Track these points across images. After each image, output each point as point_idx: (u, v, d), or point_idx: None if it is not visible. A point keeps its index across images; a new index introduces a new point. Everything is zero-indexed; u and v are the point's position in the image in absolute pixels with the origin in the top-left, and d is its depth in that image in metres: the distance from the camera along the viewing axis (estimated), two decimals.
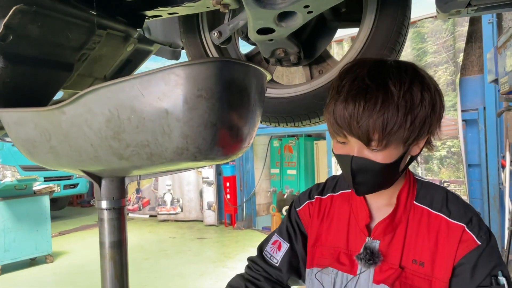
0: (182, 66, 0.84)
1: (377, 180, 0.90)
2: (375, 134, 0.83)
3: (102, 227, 1.14)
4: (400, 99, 0.82)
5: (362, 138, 0.84)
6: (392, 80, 0.83)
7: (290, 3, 1.10)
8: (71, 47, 1.18)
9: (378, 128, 0.82)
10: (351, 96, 0.84)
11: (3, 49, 0.99)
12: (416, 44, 5.51)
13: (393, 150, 0.86)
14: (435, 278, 0.88)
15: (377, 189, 0.93)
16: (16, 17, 0.97)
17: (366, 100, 0.82)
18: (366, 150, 0.86)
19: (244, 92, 0.95)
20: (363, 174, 0.88)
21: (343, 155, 0.90)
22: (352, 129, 0.84)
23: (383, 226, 0.95)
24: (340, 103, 0.85)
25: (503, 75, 2.26)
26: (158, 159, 0.91)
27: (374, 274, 0.93)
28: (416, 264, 0.90)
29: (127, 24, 1.34)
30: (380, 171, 0.87)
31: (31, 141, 1.02)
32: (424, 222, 0.93)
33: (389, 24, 1.36)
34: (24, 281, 5.27)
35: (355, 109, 0.82)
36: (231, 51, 1.68)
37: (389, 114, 0.81)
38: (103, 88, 0.89)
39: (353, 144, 0.87)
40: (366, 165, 0.87)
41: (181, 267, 5.66)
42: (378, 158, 0.86)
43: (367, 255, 0.92)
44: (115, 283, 1.14)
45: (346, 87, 0.86)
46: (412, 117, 0.83)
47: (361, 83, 0.84)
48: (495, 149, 5.00)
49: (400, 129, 0.82)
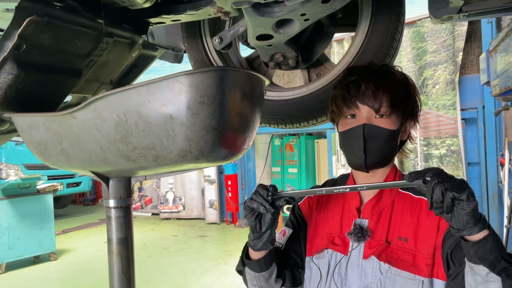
0: (185, 75, 0.90)
1: (383, 147, 1.05)
2: (384, 102, 1.03)
3: (109, 225, 1.20)
4: (400, 78, 1.08)
5: (374, 106, 1.03)
6: (391, 66, 1.11)
7: (288, 11, 1.15)
8: (80, 54, 1.24)
9: (386, 97, 1.03)
10: (364, 74, 1.06)
11: (17, 57, 1.05)
12: (415, 44, 5.54)
13: (395, 119, 1.05)
14: (418, 252, 1.00)
15: (382, 158, 1.07)
16: (29, 28, 1.03)
17: (378, 77, 1.05)
18: (374, 119, 1.04)
19: (244, 98, 1.01)
20: (373, 140, 1.03)
21: (354, 127, 1.05)
22: (365, 99, 1.03)
23: (370, 206, 1.08)
24: (355, 81, 1.05)
25: (494, 78, 2.32)
26: (163, 161, 0.97)
27: (364, 251, 1.04)
28: (401, 240, 1.02)
29: (133, 31, 1.40)
30: (386, 137, 1.04)
31: (44, 144, 1.08)
32: (407, 205, 1.06)
33: (383, 30, 1.41)
34: (28, 279, 5.34)
35: (369, 83, 1.04)
36: (232, 55, 1.73)
37: (395, 86, 1.05)
38: (111, 94, 0.95)
39: (363, 115, 1.04)
40: (376, 130, 1.03)
41: (183, 265, 5.72)
42: (384, 124, 1.03)
43: (356, 230, 1.05)
44: (122, 277, 1.20)
45: (357, 72, 1.07)
46: (408, 95, 1.07)
47: (369, 68, 1.08)
48: (494, 148, 5.04)
49: (402, 102, 1.05)
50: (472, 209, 0.80)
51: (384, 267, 1.01)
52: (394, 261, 1.01)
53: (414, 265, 0.99)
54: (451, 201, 0.80)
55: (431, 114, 5.42)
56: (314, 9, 1.14)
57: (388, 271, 1.00)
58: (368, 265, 1.03)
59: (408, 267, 0.99)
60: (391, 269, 1.00)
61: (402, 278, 0.99)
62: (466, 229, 0.82)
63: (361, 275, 1.03)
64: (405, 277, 0.99)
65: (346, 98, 1.06)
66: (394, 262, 1.01)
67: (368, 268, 1.03)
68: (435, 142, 5.44)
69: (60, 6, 1.13)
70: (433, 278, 0.98)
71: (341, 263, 1.07)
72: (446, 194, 0.80)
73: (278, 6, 1.15)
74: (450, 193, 0.80)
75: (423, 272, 0.98)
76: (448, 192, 0.80)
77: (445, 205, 0.81)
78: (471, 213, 0.80)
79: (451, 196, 0.80)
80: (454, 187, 0.80)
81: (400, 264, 1.00)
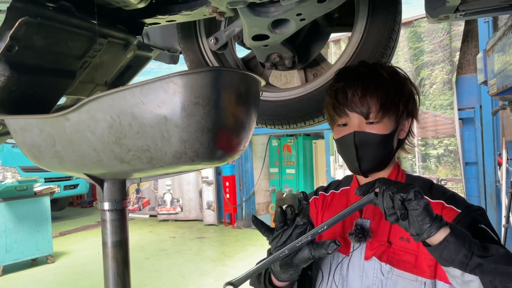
0: (180, 75, 0.89)
1: (376, 152, 1.03)
2: (373, 107, 1.00)
3: (104, 228, 1.19)
4: (390, 79, 1.03)
5: (362, 112, 1.01)
6: (381, 67, 1.06)
7: (283, 11, 1.14)
8: (73, 55, 1.22)
9: (375, 101, 1.00)
10: (350, 80, 1.03)
11: (9, 59, 1.03)
12: (412, 44, 5.55)
13: (387, 122, 1.02)
14: (420, 253, 0.98)
15: (376, 163, 1.05)
16: (21, 29, 1.01)
17: (364, 82, 1.02)
18: (365, 126, 1.02)
19: (239, 99, 1.00)
20: (364, 147, 1.02)
21: (345, 135, 1.04)
22: (353, 106, 1.01)
23: (372, 206, 1.03)
24: (341, 88, 1.03)
25: (491, 77, 2.32)
26: (158, 162, 0.96)
27: (365, 252, 1.03)
28: (403, 240, 1.01)
29: (127, 32, 1.38)
30: (378, 143, 1.02)
31: (37, 146, 1.07)
32: None
33: (380, 29, 1.40)
34: (26, 282, 5.32)
35: (355, 89, 1.01)
36: (228, 56, 1.72)
37: (383, 90, 1.01)
38: (105, 96, 0.93)
39: (353, 122, 1.03)
40: (366, 138, 1.01)
41: (181, 266, 5.71)
42: (375, 130, 1.01)
43: (357, 230, 1.03)
44: (117, 281, 1.19)
45: (344, 77, 1.06)
46: (400, 94, 1.03)
47: (357, 72, 1.06)
48: (492, 147, 5.05)
49: (393, 103, 1.02)
50: (423, 207, 0.79)
51: (386, 268, 1.00)
52: (396, 262, 0.99)
53: (416, 266, 0.98)
54: (401, 203, 0.79)
55: (429, 114, 5.42)
56: (310, 9, 1.13)
57: (389, 272, 1.00)
58: (370, 266, 1.02)
59: (410, 268, 0.98)
60: (393, 270, 0.99)
61: (404, 279, 0.98)
62: (424, 232, 0.80)
63: (362, 276, 1.03)
64: (407, 278, 0.98)
65: (335, 106, 1.05)
66: (395, 263, 0.99)
67: (369, 269, 1.02)
68: (432, 142, 5.44)
69: (53, 6, 1.11)
70: (436, 279, 0.96)
71: (342, 264, 1.06)
72: (394, 197, 0.80)
73: (274, 6, 1.14)
74: (398, 195, 0.79)
75: (425, 273, 0.96)
76: (395, 195, 0.80)
77: (397, 209, 0.80)
78: (424, 212, 0.79)
79: (400, 198, 0.79)
80: (400, 189, 0.80)
81: (401, 265, 0.99)
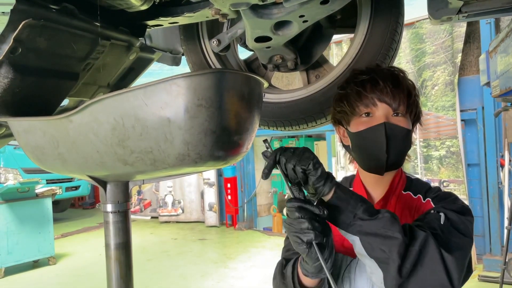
0: (183, 77, 0.89)
1: (404, 146, 1.04)
2: (402, 99, 1.02)
3: (107, 230, 1.18)
4: (407, 79, 1.08)
5: (392, 103, 1.01)
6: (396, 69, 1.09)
7: (286, 13, 1.14)
8: (76, 57, 1.23)
9: (404, 95, 1.03)
10: (379, 72, 1.05)
11: (13, 61, 1.04)
12: (414, 45, 5.55)
13: (408, 119, 1.05)
14: None
15: (402, 158, 1.06)
16: (25, 31, 1.01)
17: (393, 77, 1.04)
18: (391, 118, 1.02)
19: (242, 101, 1.00)
20: (394, 139, 1.01)
21: (374, 125, 1.02)
22: (383, 96, 1.01)
23: (378, 207, 1.06)
24: (371, 78, 1.03)
25: (494, 79, 2.32)
26: (161, 164, 0.96)
27: None
28: None
29: (130, 34, 1.39)
30: (405, 136, 1.03)
31: (40, 148, 1.07)
32: (407, 205, 1.09)
33: (382, 31, 1.40)
34: (27, 283, 5.32)
35: (386, 81, 1.02)
36: (230, 58, 1.72)
37: (409, 85, 1.05)
38: (108, 98, 0.93)
39: (380, 113, 1.02)
40: (397, 129, 1.01)
41: (183, 268, 5.71)
42: (402, 123, 1.02)
43: None
44: (120, 283, 1.19)
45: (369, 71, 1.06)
46: (415, 93, 1.07)
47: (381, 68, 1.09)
48: (494, 149, 5.04)
49: (414, 102, 1.05)
50: (320, 174, 0.88)
51: None
52: None
53: None
54: (302, 173, 0.87)
55: (431, 116, 5.41)
56: (313, 11, 1.13)
57: None
58: None
59: None
60: None
61: None
62: (318, 192, 0.88)
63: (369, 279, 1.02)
64: None
65: (362, 95, 1.03)
66: None
67: None
68: (434, 144, 5.44)
69: (56, 9, 1.12)
70: None
71: (350, 267, 1.06)
72: (296, 170, 0.88)
73: (277, 8, 1.14)
74: (299, 167, 0.87)
75: None
76: (297, 167, 0.87)
77: (299, 178, 0.88)
78: (320, 177, 0.88)
79: (301, 170, 0.87)
80: (300, 161, 0.88)
81: None
